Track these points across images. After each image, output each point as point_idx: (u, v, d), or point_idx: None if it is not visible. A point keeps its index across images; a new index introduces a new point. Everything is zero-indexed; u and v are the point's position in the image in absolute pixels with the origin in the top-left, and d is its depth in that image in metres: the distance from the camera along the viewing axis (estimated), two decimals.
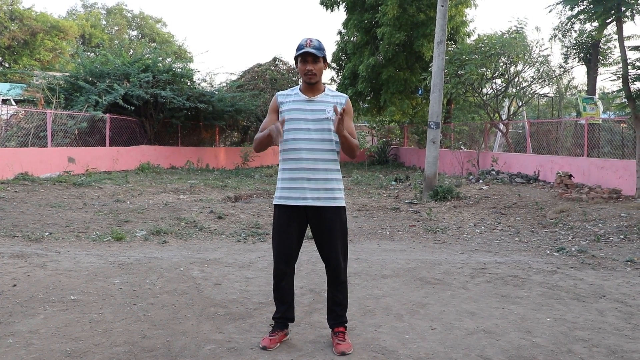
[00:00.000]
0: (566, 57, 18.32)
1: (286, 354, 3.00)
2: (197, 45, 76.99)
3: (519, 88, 15.71)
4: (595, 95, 16.47)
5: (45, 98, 14.46)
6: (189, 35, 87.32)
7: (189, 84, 18.12)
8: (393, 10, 17.23)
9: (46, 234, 6.46)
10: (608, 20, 9.91)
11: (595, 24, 11.11)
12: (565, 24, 15.54)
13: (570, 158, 12.00)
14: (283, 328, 3.18)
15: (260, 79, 21.37)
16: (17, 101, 17.59)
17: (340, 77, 22.12)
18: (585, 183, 10.81)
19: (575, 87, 24.04)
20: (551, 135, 14.17)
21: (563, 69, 18.66)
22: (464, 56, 14.72)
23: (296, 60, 3.06)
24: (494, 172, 13.42)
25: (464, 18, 18.97)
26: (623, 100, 9.67)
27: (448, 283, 4.58)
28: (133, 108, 15.20)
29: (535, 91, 16.41)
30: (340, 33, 21.96)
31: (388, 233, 7.28)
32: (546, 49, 18.83)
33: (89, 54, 24.37)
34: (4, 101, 18.13)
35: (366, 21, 19.59)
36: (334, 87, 21.83)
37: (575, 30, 16.52)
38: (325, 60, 3.07)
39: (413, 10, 17.60)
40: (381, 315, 3.70)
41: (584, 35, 16.65)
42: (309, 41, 2.99)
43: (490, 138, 16.90)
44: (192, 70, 18.42)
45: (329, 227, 3.06)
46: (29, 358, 2.88)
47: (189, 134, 19.49)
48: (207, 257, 5.44)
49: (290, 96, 3.12)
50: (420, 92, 19.99)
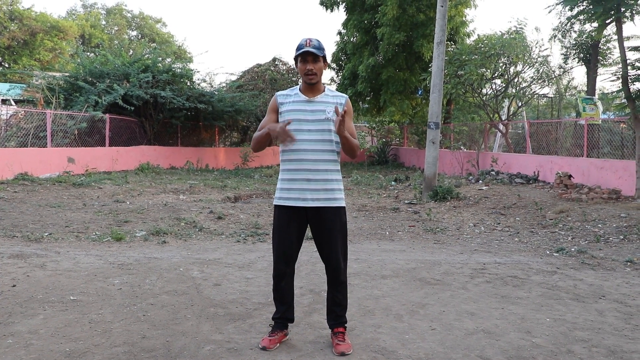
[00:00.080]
0: (566, 58, 18.34)
1: (286, 355, 2.99)
2: (197, 45, 77.09)
3: (518, 88, 15.71)
4: (594, 95, 16.49)
5: (44, 98, 14.46)
6: (189, 36, 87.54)
7: (188, 84, 18.11)
8: (393, 11, 17.24)
9: (46, 234, 6.45)
10: (608, 21, 9.91)
11: (595, 24, 11.11)
12: (565, 25, 15.58)
13: (570, 158, 12.01)
14: (283, 328, 3.18)
15: (260, 79, 21.37)
16: (17, 101, 17.59)
17: (340, 78, 22.12)
18: (585, 183, 10.81)
19: (575, 88, 24.04)
20: (551, 136, 14.17)
21: (563, 70, 18.67)
22: (464, 56, 14.72)
23: (296, 60, 3.05)
24: (493, 173, 13.42)
25: (464, 18, 18.99)
26: (622, 101, 9.68)
27: (448, 283, 4.58)
28: (133, 108, 15.19)
29: (534, 91, 16.42)
30: (340, 33, 21.97)
31: (388, 233, 7.28)
32: (546, 49, 18.79)
33: (88, 54, 24.35)
34: (4, 101, 18.14)
35: (366, 21, 19.60)
36: (334, 87, 21.84)
37: (575, 31, 16.55)
38: (325, 60, 3.07)
39: (413, 11, 17.61)
40: (381, 315, 3.70)
41: (584, 36, 16.66)
42: (308, 41, 2.99)
43: (489, 138, 16.91)
44: (192, 70, 18.42)
45: (329, 228, 3.06)
46: (28, 358, 2.88)
47: (188, 134, 19.49)
48: (207, 258, 5.44)
49: (290, 96, 3.11)
50: (420, 93, 19.99)
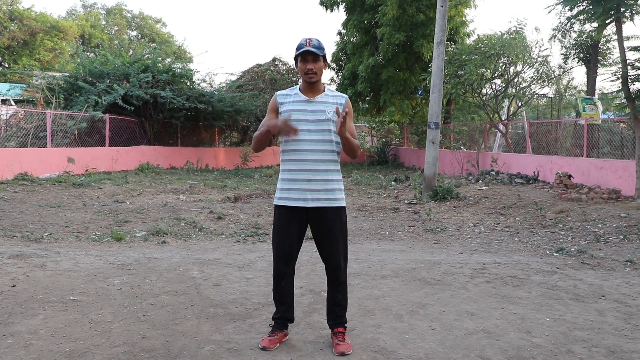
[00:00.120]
0: (566, 58, 18.32)
1: (286, 355, 2.99)
2: (197, 45, 77.06)
3: (518, 88, 15.71)
4: (594, 95, 16.47)
5: (44, 98, 14.46)
6: (189, 36, 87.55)
7: (188, 84, 18.11)
8: (393, 11, 17.24)
9: (46, 234, 6.45)
10: (607, 21, 9.91)
11: (595, 24, 11.11)
12: (565, 25, 15.54)
13: (570, 158, 12.01)
14: (283, 328, 3.18)
15: (260, 79, 21.37)
16: (17, 101, 17.59)
17: (340, 78, 22.12)
18: (585, 183, 10.81)
19: (575, 88, 24.02)
20: (551, 136, 14.17)
21: (562, 70, 18.65)
22: (464, 56, 14.72)
23: (296, 60, 3.05)
24: (493, 173, 13.42)
25: (464, 18, 18.99)
26: (622, 101, 9.68)
27: (447, 283, 4.58)
28: (133, 108, 15.18)
29: (534, 91, 16.41)
30: (339, 33, 21.98)
31: (388, 233, 7.28)
32: (546, 49, 18.76)
33: (88, 54, 24.34)
34: (4, 101, 18.14)
35: (366, 21, 19.60)
36: (334, 88, 21.85)
37: (575, 31, 16.52)
38: (325, 59, 3.07)
39: (413, 11, 17.61)
40: (381, 315, 3.70)
41: (584, 36, 16.64)
42: (308, 40, 2.99)
43: (489, 138, 16.91)
44: (192, 70, 18.41)
45: (329, 228, 3.06)
46: (28, 358, 2.88)
47: (188, 134, 19.48)
48: (207, 258, 5.44)
49: (290, 96, 3.11)
50: (419, 93, 19.99)
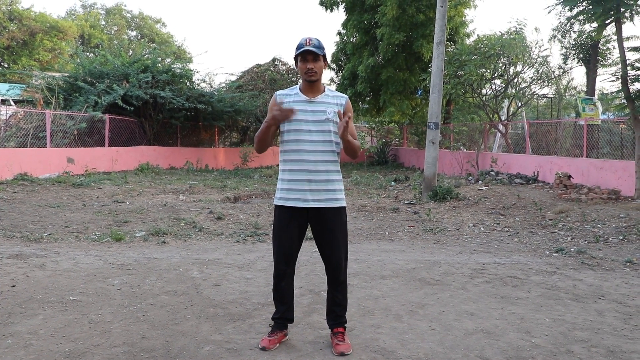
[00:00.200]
0: (565, 58, 18.32)
1: (285, 355, 3.00)
2: (197, 45, 77.11)
3: (518, 89, 15.71)
4: (594, 96, 16.46)
5: (44, 98, 14.45)
6: (189, 36, 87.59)
7: (188, 84, 18.10)
8: (392, 11, 17.24)
9: (45, 234, 6.45)
10: (607, 21, 9.91)
11: (595, 24, 11.12)
12: (565, 25, 15.55)
13: (570, 159, 12.01)
14: (282, 328, 3.18)
15: (260, 79, 21.37)
16: (16, 101, 17.59)
17: (340, 78, 22.13)
18: (585, 184, 10.82)
19: (575, 88, 24.04)
20: (550, 136, 14.18)
21: (562, 70, 18.66)
22: (464, 57, 14.72)
23: (296, 60, 3.05)
24: (493, 173, 13.42)
25: (464, 19, 19.00)
26: (622, 101, 9.68)
27: (447, 283, 4.58)
28: (132, 108, 15.18)
29: (534, 92, 16.42)
30: (339, 33, 21.98)
31: (387, 233, 7.29)
32: (545, 49, 18.80)
33: (88, 54, 24.36)
34: (3, 102, 18.12)
35: (365, 22, 19.60)
36: (334, 88, 21.85)
37: (575, 31, 16.52)
38: (325, 59, 3.07)
39: (412, 11, 17.61)
40: (380, 315, 3.70)
41: (583, 36, 16.63)
42: (308, 40, 2.99)
43: (489, 139, 16.91)
44: (192, 70, 18.41)
45: (330, 228, 3.07)
46: (28, 359, 2.88)
47: (188, 134, 19.48)
48: (207, 258, 5.44)
49: (290, 96, 3.10)
50: (419, 93, 20.00)
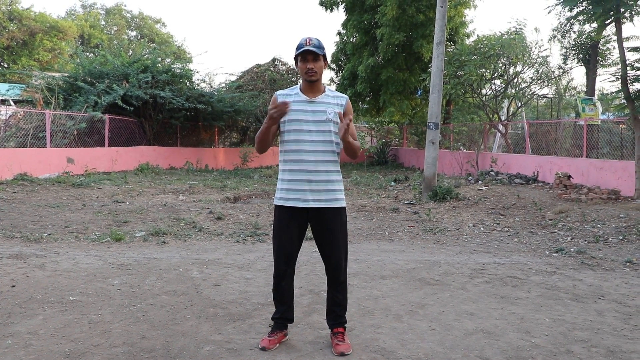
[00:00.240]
0: (565, 58, 18.34)
1: (285, 355, 3.00)
2: (197, 45, 77.12)
3: (518, 89, 15.72)
4: (594, 96, 16.47)
5: (44, 98, 14.45)
6: (188, 36, 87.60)
7: (188, 84, 18.10)
8: (392, 11, 17.24)
9: (45, 234, 6.45)
10: (607, 22, 9.91)
11: (595, 25, 11.12)
12: (565, 25, 15.56)
13: (569, 159, 12.02)
14: (282, 329, 3.18)
15: (260, 79, 21.37)
16: (16, 101, 17.58)
17: (340, 78, 22.13)
18: (584, 184, 10.82)
19: (575, 88, 24.06)
20: (550, 136, 14.19)
21: (562, 70, 18.67)
22: (463, 57, 14.72)
23: (296, 60, 3.05)
24: (493, 173, 13.42)
25: (463, 19, 19.00)
26: (622, 101, 9.68)
27: (447, 284, 4.58)
28: (132, 109, 15.18)
29: (534, 92, 16.43)
30: (339, 34, 21.99)
31: (387, 234, 7.29)
32: (545, 49, 18.86)
33: (88, 54, 24.33)
34: (3, 102, 18.12)
35: (365, 22, 19.61)
36: (334, 88, 21.85)
37: (575, 31, 16.53)
38: (325, 59, 3.07)
39: (412, 11, 17.61)
40: (380, 315, 3.70)
41: (583, 36, 16.65)
42: (308, 40, 2.99)
43: (489, 139, 16.92)
44: (192, 70, 18.40)
45: (330, 228, 3.07)
46: (27, 359, 2.88)
47: (188, 134, 19.48)
48: (206, 258, 5.44)
49: (290, 96, 3.10)
50: (419, 93, 20.00)
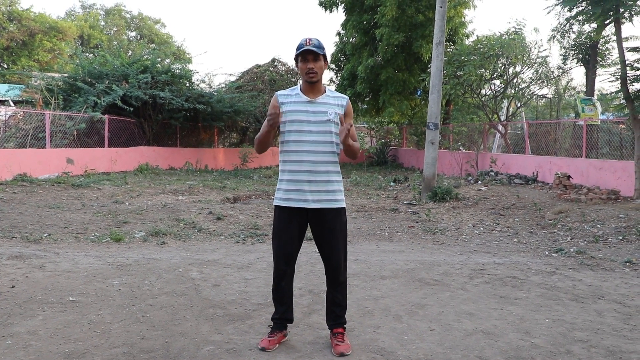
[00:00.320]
0: (565, 58, 18.36)
1: (285, 355, 3.00)
2: (196, 46, 77.18)
3: (517, 89, 15.73)
4: (593, 96, 16.49)
5: (43, 99, 14.45)
6: (188, 36, 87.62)
7: (187, 84, 18.10)
8: (392, 11, 17.25)
9: (45, 235, 6.45)
10: (606, 22, 9.92)
11: (594, 25, 11.13)
12: (564, 25, 15.56)
13: (569, 159, 12.02)
14: (282, 329, 3.18)
15: (259, 79, 21.36)
16: (16, 102, 17.57)
17: (339, 78, 22.14)
18: (584, 184, 10.82)
19: (574, 88, 24.08)
20: (550, 136, 14.20)
21: (562, 70, 18.70)
22: (463, 57, 14.73)
23: (296, 60, 3.05)
24: (492, 173, 13.43)
25: (463, 19, 19.02)
26: (621, 102, 9.69)
27: (447, 284, 4.58)
28: (132, 109, 15.17)
29: (533, 92, 16.44)
30: (339, 34, 22.00)
31: (387, 234, 7.29)
32: (545, 50, 18.94)
33: (87, 54, 24.34)
34: (3, 102, 18.12)
35: (365, 22, 19.61)
36: (333, 88, 21.84)
37: (574, 32, 16.56)
38: (325, 59, 3.07)
39: (412, 12, 17.62)
40: (380, 316, 3.70)
41: (583, 37, 16.67)
42: (308, 40, 2.99)
43: (489, 139, 16.93)
44: (191, 71, 18.40)
45: (330, 228, 3.07)
46: (27, 359, 2.87)
47: (187, 135, 19.48)
48: (206, 258, 5.44)
49: (290, 96, 3.10)
50: (419, 93, 20.01)
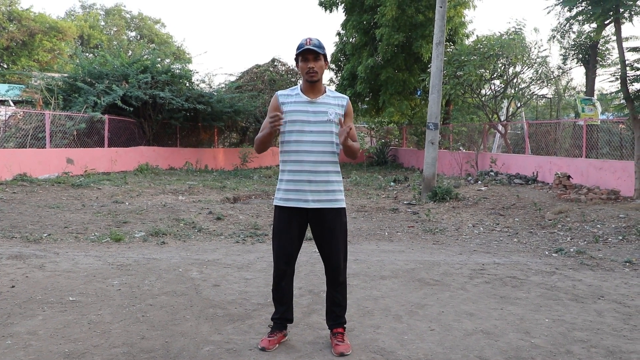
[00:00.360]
0: (565, 58, 18.35)
1: (285, 355, 3.00)
2: (196, 46, 77.16)
3: (517, 89, 15.73)
4: (593, 96, 16.49)
5: (43, 99, 14.44)
6: (188, 36, 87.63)
7: (187, 84, 18.09)
8: (392, 11, 17.25)
9: (45, 235, 6.45)
10: (606, 22, 9.92)
11: (594, 25, 11.13)
12: (564, 25, 15.53)
13: (569, 159, 12.03)
14: (282, 329, 3.18)
15: (259, 79, 21.36)
16: (16, 102, 17.57)
17: (339, 78, 22.13)
18: (584, 184, 10.82)
19: (574, 88, 24.07)
20: (550, 136, 14.19)
21: (561, 70, 18.70)
22: (463, 57, 14.73)
23: (297, 60, 3.06)
24: (492, 173, 13.43)
25: (463, 19, 19.02)
26: (621, 102, 9.69)
27: (447, 284, 4.58)
28: (132, 109, 15.17)
29: (533, 92, 16.44)
30: (339, 34, 21.99)
31: (387, 234, 7.29)
32: (545, 50, 18.94)
33: (87, 54, 24.32)
34: (3, 102, 18.11)
35: (365, 22, 19.61)
36: (333, 88, 21.84)
37: (574, 32, 16.54)
38: (325, 58, 3.07)
39: (412, 12, 17.62)
40: (380, 316, 3.70)
41: (583, 37, 16.66)
42: (309, 40, 3.00)
43: (489, 139, 16.93)
44: (191, 71, 18.40)
45: (330, 229, 3.07)
46: (27, 359, 2.87)
47: (187, 135, 19.48)
48: (206, 258, 5.44)
49: (291, 96, 3.10)
50: (419, 93, 20.01)
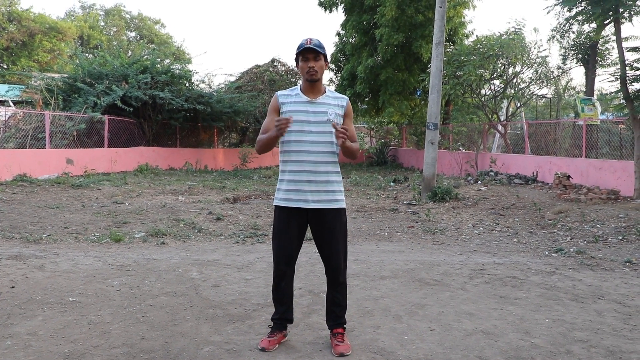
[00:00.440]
0: (564, 58, 18.36)
1: (285, 355, 2.99)
2: (196, 46, 77.17)
3: (517, 89, 15.73)
4: (593, 96, 16.50)
5: (43, 99, 14.45)
6: (188, 36, 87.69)
7: (187, 85, 18.10)
8: (391, 12, 17.25)
9: (44, 235, 6.44)
10: (606, 22, 9.93)
11: (594, 25, 11.13)
12: (564, 25, 15.55)
13: (569, 159, 12.03)
14: (282, 329, 3.18)
15: (259, 80, 21.36)
16: (15, 102, 17.57)
17: (339, 78, 22.14)
18: (584, 184, 10.83)
19: (574, 88, 24.09)
20: (549, 136, 14.19)
21: (561, 70, 18.70)
22: (463, 57, 14.74)
23: (297, 60, 3.06)
24: (492, 173, 13.43)
25: (463, 19, 19.02)
26: (621, 101, 9.70)
27: (447, 284, 4.58)
28: (131, 109, 15.17)
29: (533, 92, 16.45)
30: (338, 34, 22.00)
31: (387, 234, 7.28)
32: (544, 50, 18.94)
33: (87, 55, 24.30)
34: (2, 102, 18.11)
35: (365, 22, 19.62)
36: (333, 88, 21.84)
37: (574, 32, 16.55)
38: (325, 58, 3.07)
39: (411, 12, 17.62)
40: (380, 316, 3.70)
41: (582, 37, 16.67)
42: (309, 39, 3.00)
43: (488, 139, 16.93)
44: (191, 71, 18.41)
45: (330, 229, 3.07)
46: None
47: (187, 135, 19.48)
48: (206, 259, 5.44)
49: (291, 97, 3.10)
50: (418, 93, 20.01)
